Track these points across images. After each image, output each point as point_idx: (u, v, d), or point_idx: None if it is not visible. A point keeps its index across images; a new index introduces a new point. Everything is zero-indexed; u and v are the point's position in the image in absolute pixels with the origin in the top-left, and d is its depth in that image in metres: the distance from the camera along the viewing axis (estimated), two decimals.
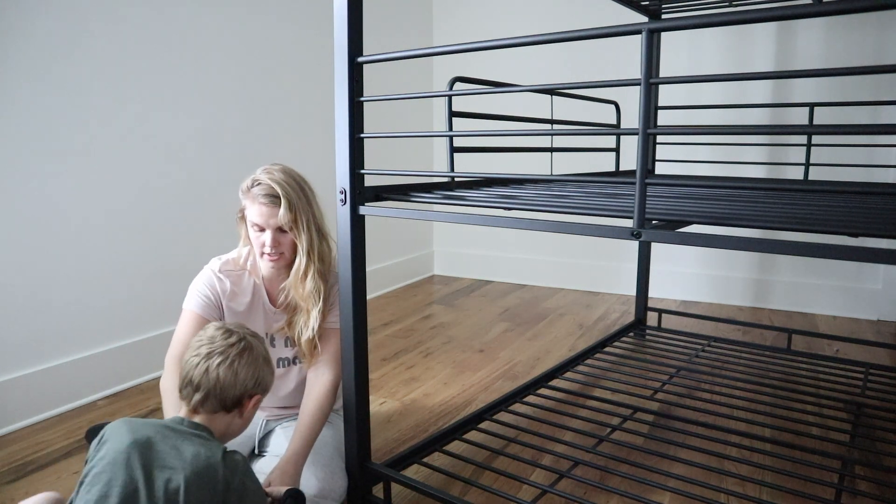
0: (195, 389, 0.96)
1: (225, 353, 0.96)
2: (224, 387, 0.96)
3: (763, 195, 1.44)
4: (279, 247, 1.32)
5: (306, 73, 2.65)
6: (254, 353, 1.00)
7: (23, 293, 1.73)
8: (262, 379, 1.02)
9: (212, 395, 0.96)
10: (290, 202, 1.28)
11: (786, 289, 2.90)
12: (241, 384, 0.97)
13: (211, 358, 0.96)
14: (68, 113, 1.80)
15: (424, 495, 1.27)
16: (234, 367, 0.96)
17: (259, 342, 1.04)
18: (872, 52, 2.59)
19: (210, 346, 0.98)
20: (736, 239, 0.86)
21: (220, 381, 0.95)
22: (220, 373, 0.95)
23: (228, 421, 1.00)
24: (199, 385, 0.96)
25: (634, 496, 1.23)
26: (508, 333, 2.57)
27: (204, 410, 0.97)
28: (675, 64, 2.90)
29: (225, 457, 0.93)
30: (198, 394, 0.96)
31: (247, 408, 1.00)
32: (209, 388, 0.95)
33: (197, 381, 0.96)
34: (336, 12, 1.17)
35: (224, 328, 1.01)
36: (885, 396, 1.79)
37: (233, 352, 0.97)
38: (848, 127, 0.76)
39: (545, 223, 1.04)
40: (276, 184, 1.29)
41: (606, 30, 0.89)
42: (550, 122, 1.64)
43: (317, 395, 1.32)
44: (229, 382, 0.96)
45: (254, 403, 1.01)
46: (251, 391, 1.00)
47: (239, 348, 0.98)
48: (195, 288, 1.37)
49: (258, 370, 1.00)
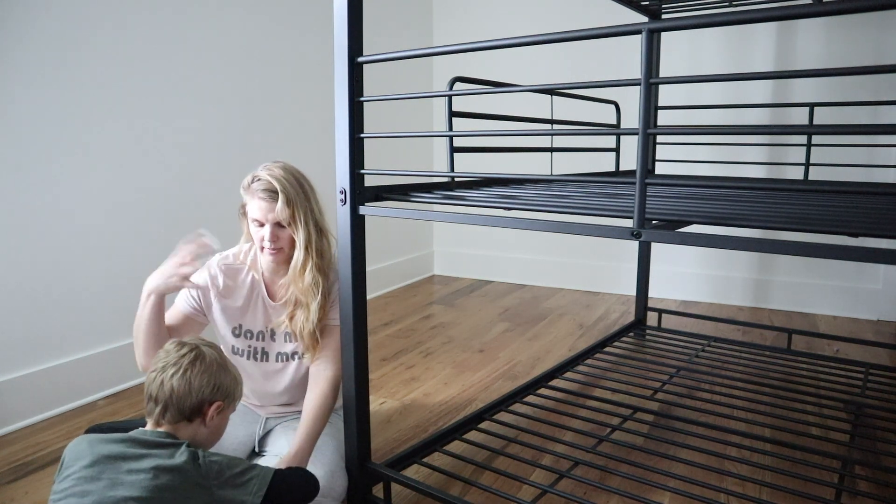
0: (155, 402, 0.99)
1: (177, 364, 0.99)
2: (180, 396, 0.98)
3: (763, 195, 1.44)
4: (277, 241, 1.33)
5: (306, 73, 2.65)
6: (206, 360, 1.02)
7: (23, 293, 1.73)
8: (221, 385, 1.03)
9: (170, 406, 0.98)
10: (287, 197, 1.30)
11: (786, 289, 2.90)
12: (196, 392, 0.99)
13: (165, 371, 0.99)
14: (68, 113, 1.80)
15: (424, 495, 1.27)
16: (187, 375, 0.99)
17: (214, 351, 1.06)
18: (872, 52, 2.59)
19: (165, 360, 1.01)
20: (736, 239, 0.86)
21: (175, 392, 0.98)
22: (174, 383, 0.98)
23: (193, 430, 1.02)
24: (158, 398, 0.99)
25: (634, 496, 1.23)
26: (508, 333, 2.57)
27: (166, 422, 1.00)
28: (675, 64, 2.90)
29: (184, 454, 0.96)
30: (157, 406, 0.99)
31: (208, 416, 1.02)
32: (166, 399, 0.98)
33: (155, 395, 0.99)
34: (336, 12, 1.17)
35: (177, 342, 1.04)
36: (885, 396, 1.79)
37: (185, 362, 1.00)
38: (848, 127, 0.76)
39: (545, 223, 1.04)
40: (274, 179, 1.31)
41: (606, 30, 0.89)
42: (550, 122, 1.64)
43: (319, 393, 1.32)
44: (184, 391, 0.99)
45: (215, 410, 1.02)
46: (210, 398, 1.01)
47: (190, 358, 1.00)
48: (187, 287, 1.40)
49: (213, 377, 1.02)
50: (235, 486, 0.98)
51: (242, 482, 0.99)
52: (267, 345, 1.43)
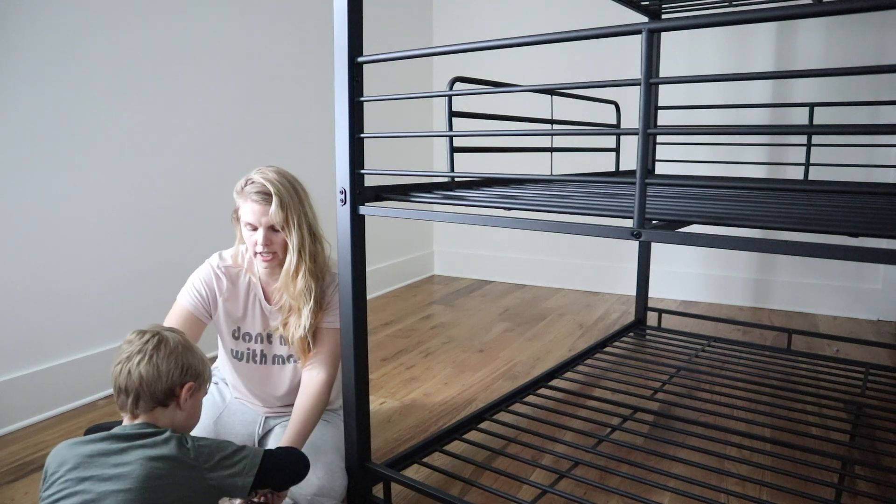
0: (126, 394, 0.98)
1: (142, 352, 0.99)
2: (149, 383, 0.98)
3: (763, 195, 1.44)
4: (271, 246, 1.32)
5: (306, 73, 2.65)
6: (170, 344, 1.01)
7: (22, 293, 1.73)
8: (189, 366, 1.02)
9: (141, 394, 0.98)
10: (281, 200, 1.29)
11: (786, 289, 2.90)
12: (165, 376, 0.99)
13: (130, 360, 0.99)
14: (68, 113, 1.80)
15: (424, 495, 1.27)
16: (154, 361, 0.99)
17: (176, 334, 1.05)
18: (872, 52, 2.59)
19: (129, 350, 1.00)
20: (736, 239, 0.86)
21: (144, 379, 0.98)
22: (142, 370, 0.98)
23: (170, 416, 1.01)
24: (127, 388, 0.98)
25: (634, 496, 1.23)
26: (508, 333, 2.57)
27: (141, 412, 0.99)
28: (675, 64, 2.90)
29: (170, 441, 0.96)
30: (129, 397, 0.98)
31: (181, 398, 1.01)
32: (136, 388, 0.98)
33: (124, 385, 0.98)
34: (336, 12, 1.17)
35: (137, 331, 1.04)
36: (885, 396, 1.79)
37: (148, 348, 0.99)
38: (848, 127, 0.76)
39: (545, 223, 1.04)
40: (268, 182, 1.30)
41: (606, 30, 0.89)
42: (550, 122, 1.64)
43: (310, 394, 1.32)
44: (153, 377, 0.98)
45: (188, 392, 1.02)
46: (180, 381, 1.01)
47: (154, 343, 1.00)
48: (191, 282, 1.40)
49: (180, 359, 1.01)
50: (226, 468, 0.98)
51: (233, 463, 0.99)
52: (265, 347, 1.43)
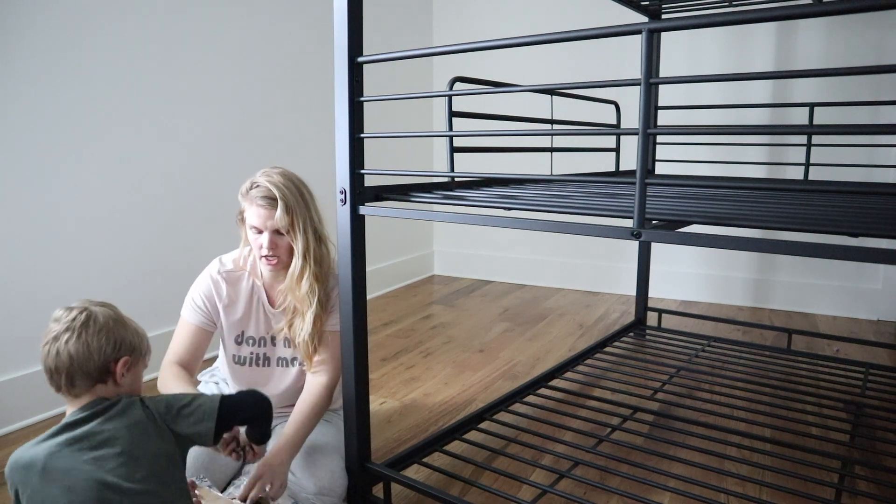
0: (58, 373, 0.93)
1: (69, 329, 0.93)
2: (81, 361, 0.92)
3: (763, 195, 1.44)
4: (276, 249, 1.32)
5: (306, 73, 2.65)
6: (100, 320, 0.95)
7: (22, 293, 1.73)
8: (123, 340, 0.96)
9: (74, 373, 0.92)
10: (287, 204, 1.29)
11: (786, 289, 2.90)
12: (97, 353, 0.93)
13: (58, 339, 0.93)
14: (68, 113, 1.80)
15: (424, 495, 1.27)
16: (83, 338, 0.93)
17: (106, 308, 0.98)
18: (872, 52, 2.59)
19: (56, 330, 0.94)
20: (736, 239, 0.86)
21: (74, 358, 0.92)
22: (71, 349, 0.92)
23: (111, 391, 0.96)
24: (58, 368, 0.93)
25: (634, 496, 1.23)
26: (508, 333, 2.57)
27: (80, 390, 0.94)
28: (675, 64, 2.90)
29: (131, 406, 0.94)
30: (62, 376, 0.93)
31: (118, 374, 0.96)
32: (67, 367, 0.92)
33: (54, 366, 0.93)
34: (336, 12, 1.17)
35: (65, 307, 0.97)
36: (885, 396, 1.79)
37: (76, 325, 0.93)
38: (848, 127, 0.76)
39: (545, 223, 1.04)
40: (273, 186, 1.29)
41: (606, 30, 0.89)
42: (550, 122, 1.64)
43: (311, 396, 1.32)
44: (84, 355, 0.92)
45: (123, 366, 0.96)
46: (113, 356, 0.95)
47: (82, 320, 0.94)
48: (191, 296, 1.40)
49: (111, 333, 0.95)
50: (186, 416, 0.96)
51: (192, 412, 0.97)
52: (268, 350, 1.43)
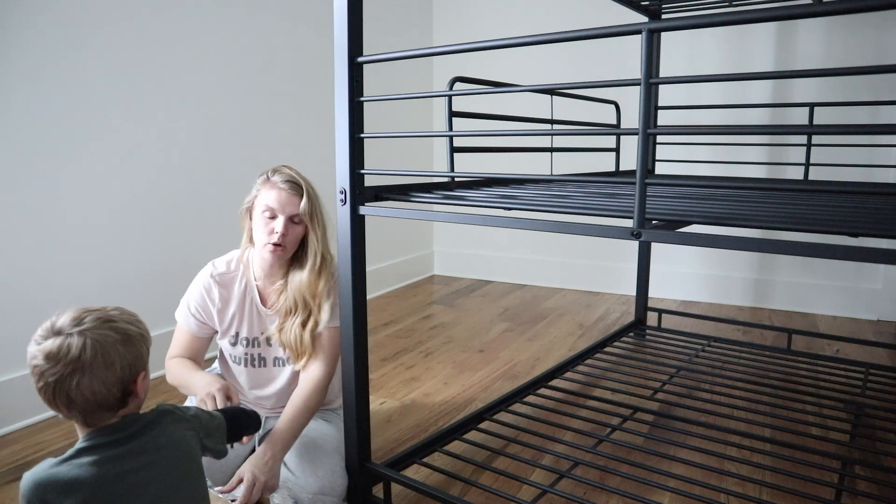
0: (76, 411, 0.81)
1: (77, 369, 0.78)
2: (101, 398, 0.80)
3: (763, 195, 1.44)
4: (286, 236, 1.32)
5: (306, 73, 2.65)
6: (107, 348, 0.81)
7: (22, 293, 1.73)
8: (135, 357, 0.84)
9: (97, 409, 0.81)
10: (310, 195, 1.33)
11: (786, 289, 2.90)
12: (115, 385, 0.81)
13: (65, 382, 0.78)
14: (68, 113, 1.80)
15: (424, 495, 1.27)
16: (99, 375, 0.79)
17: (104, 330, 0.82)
18: (872, 52, 2.59)
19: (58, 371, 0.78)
20: (736, 239, 0.86)
21: (91, 399, 0.79)
22: (85, 392, 0.79)
23: (133, 407, 0.86)
24: (76, 407, 0.80)
25: (634, 496, 1.23)
26: (508, 333, 2.57)
27: (103, 417, 0.83)
28: (675, 64, 2.90)
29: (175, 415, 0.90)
30: (80, 415, 0.81)
31: (139, 389, 0.85)
32: (85, 407, 0.80)
33: (68, 407, 0.80)
34: (336, 12, 1.17)
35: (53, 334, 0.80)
36: (885, 396, 1.79)
37: (84, 363, 0.79)
38: (848, 127, 0.76)
39: (545, 223, 1.04)
40: (298, 175, 1.34)
41: (606, 30, 0.89)
42: (550, 122, 1.64)
43: (303, 392, 1.33)
44: (102, 393, 0.80)
45: (142, 380, 0.85)
46: (131, 378, 0.83)
47: (88, 356, 0.79)
48: (185, 301, 1.42)
49: (124, 357, 0.82)
50: (215, 437, 0.97)
51: (213, 428, 0.98)
52: (263, 350, 1.43)
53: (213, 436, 0.97)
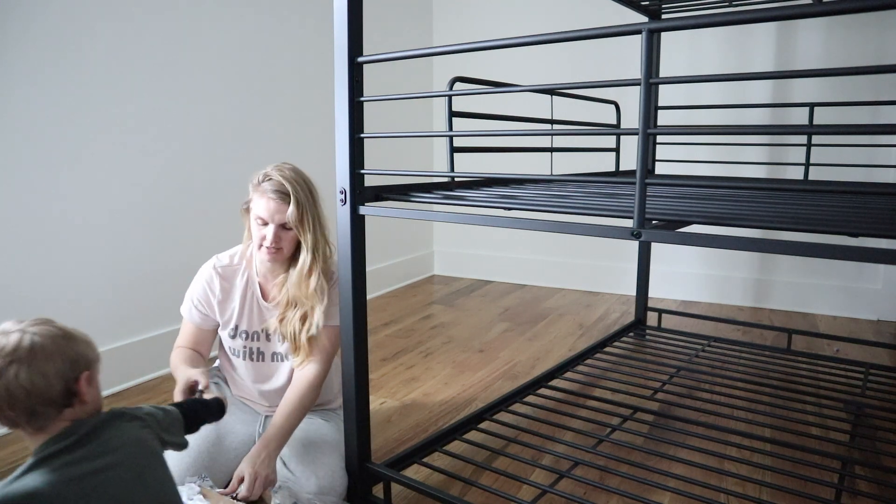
0: (14, 409, 0.79)
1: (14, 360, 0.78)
2: (40, 391, 0.79)
3: (763, 195, 1.44)
4: (279, 242, 1.34)
5: (306, 73, 2.65)
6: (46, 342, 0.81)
7: (22, 293, 1.73)
8: (78, 355, 0.83)
9: (35, 405, 0.79)
10: (298, 201, 1.31)
11: (786, 289, 2.90)
12: (55, 377, 0.80)
13: (2, 375, 0.77)
14: (68, 113, 1.80)
15: (424, 495, 1.27)
16: (35, 366, 0.79)
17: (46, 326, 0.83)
18: (872, 52, 2.59)
19: None
20: (736, 239, 0.86)
21: (30, 390, 0.78)
22: (23, 382, 0.78)
23: (79, 412, 0.85)
24: (13, 404, 0.78)
25: (634, 496, 1.23)
26: (508, 333, 2.57)
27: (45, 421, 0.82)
28: (675, 64, 2.90)
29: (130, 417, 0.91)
30: (20, 413, 0.79)
31: (82, 391, 0.83)
32: (25, 401, 0.78)
33: (7, 404, 0.78)
34: (336, 12, 1.17)
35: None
36: (885, 396, 1.79)
37: (21, 354, 0.78)
38: (848, 127, 0.76)
39: (545, 223, 1.04)
40: (286, 181, 1.32)
41: (606, 30, 0.89)
42: (550, 122, 1.64)
43: (298, 389, 1.34)
44: (41, 385, 0.79)
45: (86, 382, 0.84)
46: (74, 375, 0.82)
47: (25, 347, 0.79)
48: (189, 296, 1.44)
49: (65, 352, 0.82)
50: (168, 429, 0.97)
51: (169, 423, 0.98)
52: (262, 345, 1.44)
53: (169, 430, 0.97)
